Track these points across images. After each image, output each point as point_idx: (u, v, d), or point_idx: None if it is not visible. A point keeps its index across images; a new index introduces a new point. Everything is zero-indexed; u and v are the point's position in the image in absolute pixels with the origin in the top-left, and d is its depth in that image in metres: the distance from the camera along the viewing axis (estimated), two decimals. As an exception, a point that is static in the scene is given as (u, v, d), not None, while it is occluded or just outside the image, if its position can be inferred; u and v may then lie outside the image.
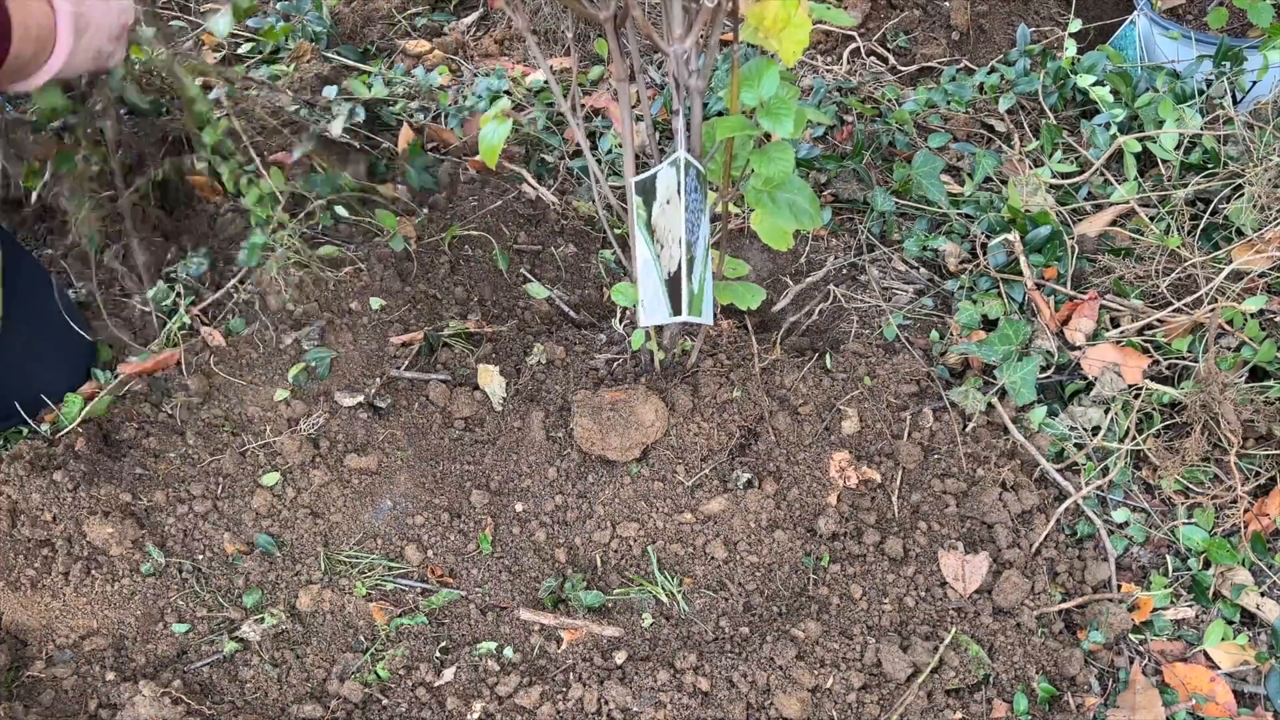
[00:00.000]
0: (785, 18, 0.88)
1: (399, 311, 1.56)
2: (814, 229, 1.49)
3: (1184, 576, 1.38)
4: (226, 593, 1.33)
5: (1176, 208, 1.67)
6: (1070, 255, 1.62)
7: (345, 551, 1.37)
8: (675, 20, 0.98)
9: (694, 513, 1.41)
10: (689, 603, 1.36)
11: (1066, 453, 1.46)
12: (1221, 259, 1.57)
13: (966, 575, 1.35)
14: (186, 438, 1.39)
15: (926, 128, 1.90)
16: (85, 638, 1.29)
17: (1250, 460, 1.43)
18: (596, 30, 1.26)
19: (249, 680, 1.28)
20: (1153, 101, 1.77)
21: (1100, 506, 1.43)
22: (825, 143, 1.90)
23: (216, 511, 1.37)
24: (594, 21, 1.03)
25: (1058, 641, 1.31)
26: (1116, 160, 1.76)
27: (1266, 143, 1.65)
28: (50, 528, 1.30)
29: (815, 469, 1.44)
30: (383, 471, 1.41)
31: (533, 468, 1.45)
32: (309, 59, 1.99)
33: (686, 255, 1.13)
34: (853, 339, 1.60)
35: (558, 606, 1.35)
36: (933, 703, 1.25)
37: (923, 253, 1.69)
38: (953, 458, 1.46)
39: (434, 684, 1.28)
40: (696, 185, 1.13)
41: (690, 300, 1.15)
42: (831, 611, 1.33)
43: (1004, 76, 1.97)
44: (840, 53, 2.13)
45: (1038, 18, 2.22)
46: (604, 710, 1.25)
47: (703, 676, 1.26)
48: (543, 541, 1.40)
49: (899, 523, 1.41)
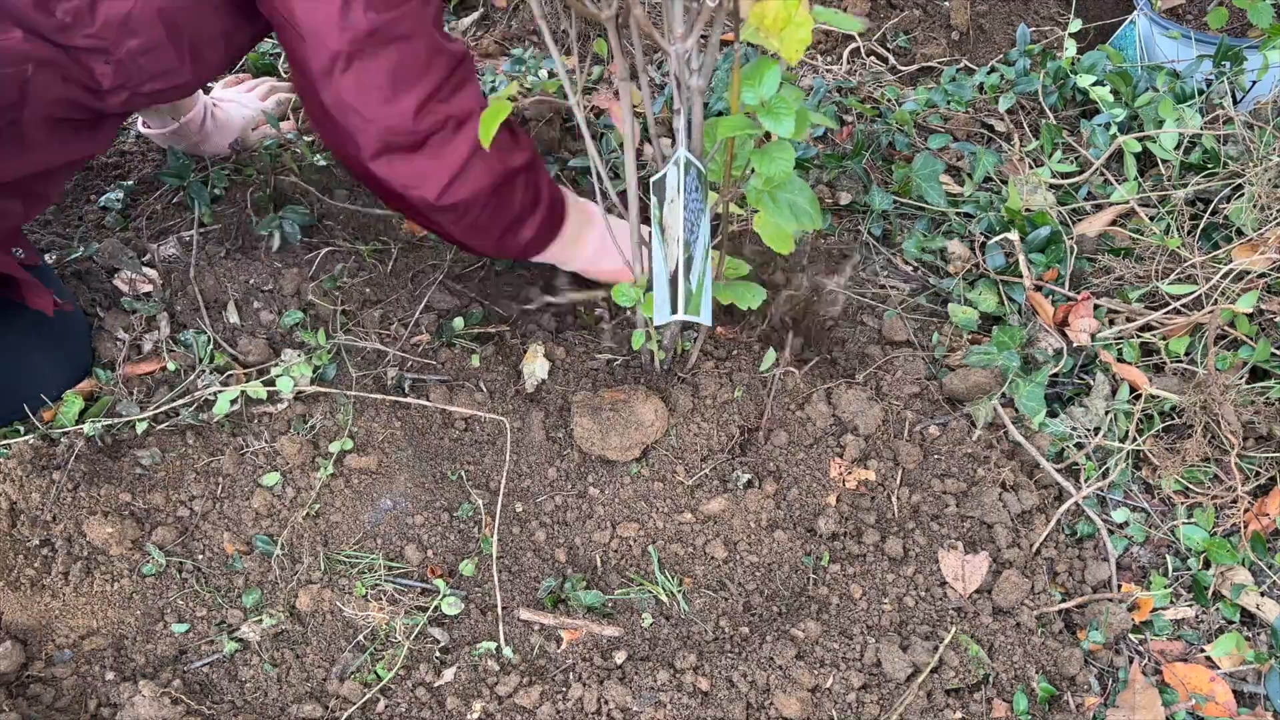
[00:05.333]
0: (786, 17, 0.88)
1: (399, 311, 1.56)
2: (814, 229, 1.49)
3: (1184, 576, 1.38)
4: (226, 593, 1.33)
5: (1176, 208, 1.67)
6: (1070, 255, 1.62)
7: (345, 551, 1.37)
8: (676, 20, 0.98)
9: (694, 513, 1.41)
10: (689, 603, 1.35)
11: (1066, 453, 1.46)
12: (1221, 259, 1.57)
13: (966, 575, 1.35)
14: (186, 438, 1.39)
15: (926, 128, 1.90)
16: (85, 637, 1.29)
17: (1250, 460, 1.43)
18: (597, 30, 1.26)
19: (249, 680, 1.28)
20: (1153, 101, 1.78)
21: (1100, 506, 1.43)
22: (825, 142, 1.90)
23: (216, 511, 1.36)
24: (595, 21, 1.03)
25: (1057, 641, 1.31)
26: (1116, 160, 1.76)
27: (1266, 143, 1.65)
28: (50, 528, 1.30)
29: (815, 469, 1.44)
30: (383, 471, 1.41)
31: (533, 468, 1.45)
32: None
33: (684, 255, 1.13)
34: (852, 339, 1.60)
35: (558, 606, 1.35)
36: (932, 702, 1.25)
37: (922, 254, 1.69)
38: (953, 458, 1.46)
39: (434, 684, 1.28)
40: (697, 185, 1.13)
41: (687, 299, 1.15)
42: (831, 611, 1.33)
43: (1004, 76, 1.97)
44: (840, 53, 2.13)
45: (1038, 18, 2.22)
46: (604, 710, 1.25)
47: (703, 676, 1.26)
48: (543, 541, 1.40)
49: (899, 523, 1.41)
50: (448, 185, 1.21)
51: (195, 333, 1.47)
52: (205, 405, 1.41)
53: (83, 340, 1.44)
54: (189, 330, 1.48)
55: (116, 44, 1.12)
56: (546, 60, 1.99)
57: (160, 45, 1.15)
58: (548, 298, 1.59)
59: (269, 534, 1.36)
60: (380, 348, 1.50)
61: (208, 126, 1.70)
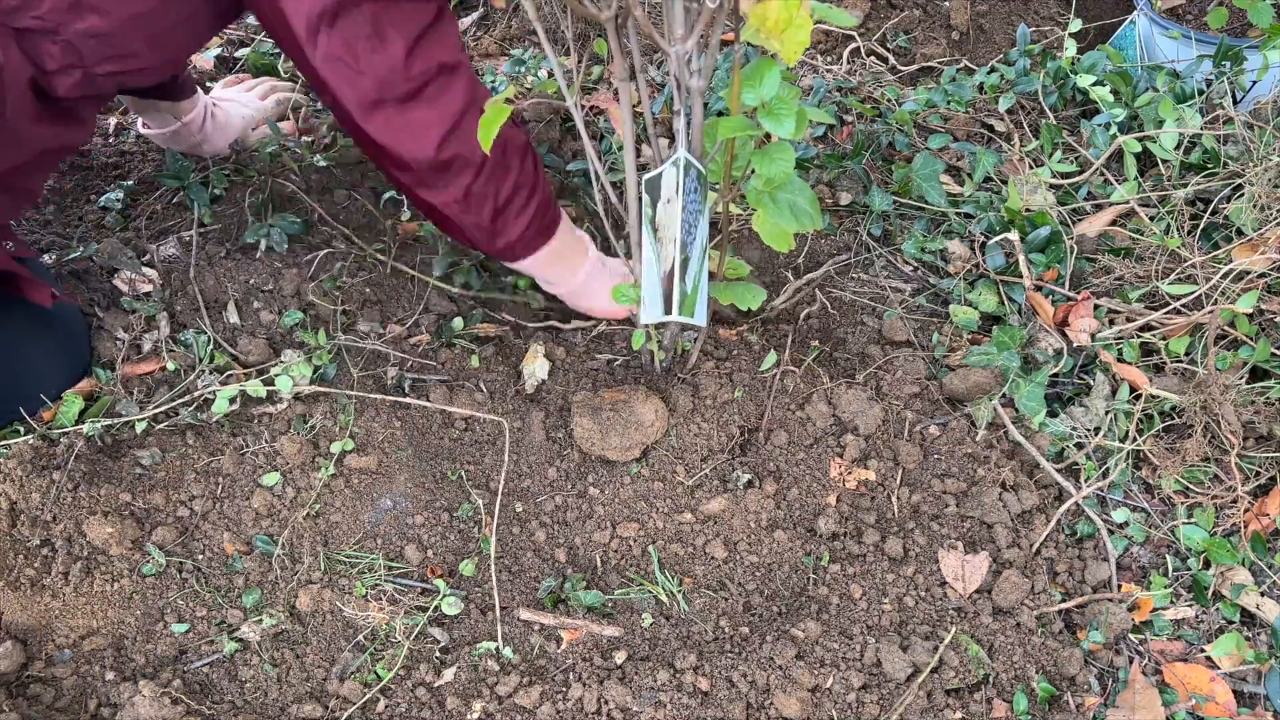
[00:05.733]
0: (787, 18, 0.88)
1: (398, 310, 1.56)
2: (814, 230, 1.49)
3: (1184, 576, 1.38)
4: (226, 593, 1.33)
5: (1176, 208, 1.67)
6: (1070, 255, 1.62)
7: (345, 551, 1.37)
8: (676, 20, 0.98)
9: (694, 513, 1.41)
10: (689, 603, 1.36)
11: (1066, 453, 1.46)
12: (1221, 259, 1.57)
13: (966, 575, 1.35)
14: (186, 437, 1.39)
15: (926, 128, 1.90)
16: (85, 637, 1.29)
17: (1250, 460, 1.43)
18: (597, 30, 1.26)
19: (249, 680, 1.28)
20: (1153, 101, 1.77)
21: (1100, 506, 1.43)
22: (825, 142, 1.90)
23: (216, 511, 1.36)
24: (595, 21, 1.03)
25: (1057, 641, 1.31)
26: (1116, 160, 1.76)
27: (1266, 143, 1.65)
28: (50, 528, 1.30)
29: (815, 469, 1.44)
30: (383, 471, 1.41)
31: (533, 468, 1.45)
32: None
33: (680, 255, 1.13)
34: (852, 339, 1.60)
35: (557, 606, 1.35)
36: (932, 702, 1.25)
37: (922, 254, 1.69)
38: (953, 458, 1.46)
39: (434, 684, 1.28)
40: (696, 186, 1.13)
41: (681, 300, 1.15)
42: (831, 611, 1.33)
43: (1004, 76, 1.97)
44: (840, 53, 2.13)
45: (1038, 18, 2.22)
46: (604, 710, 1.25)
47: (703, 676, 1.26)
48: (543, 541, 1.40)
49: (899, 523, 1.41)
50: (447, 135, 1.19)
51: (195, 333, 1.47)
52: (205, 405, 1.41)
53: (81, 339, 1.44)
54: (189, 330, 1.48)
55: (64, 25, 1.10)
56: (546, 60, 1.99)
57: (114, 29, 1.13)
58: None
59: (269, 534, 1.36)
60: (380, 348, 1.50)
61: (208, 127, 1.70)
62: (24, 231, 1.65)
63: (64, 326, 1.42)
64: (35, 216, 1.68)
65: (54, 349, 1.40)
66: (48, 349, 1.39)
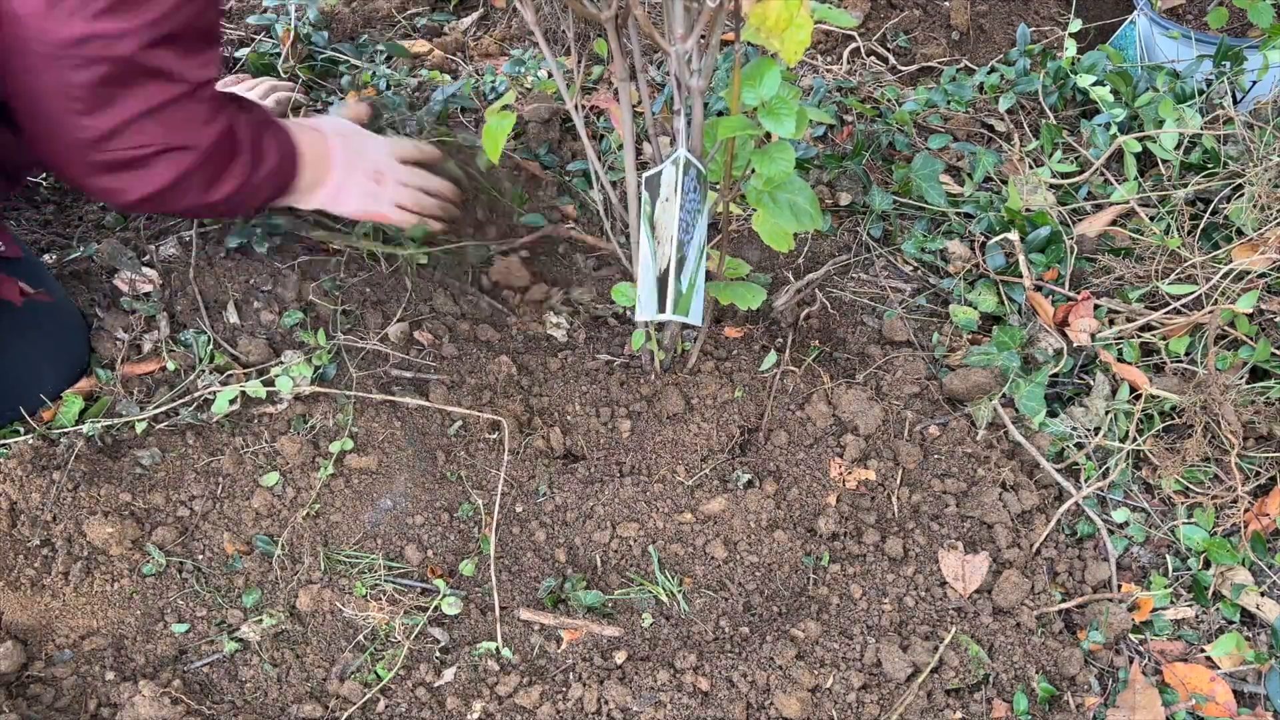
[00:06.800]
0: (788, 18, 0.88)
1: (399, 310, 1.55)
2: (814, 230, 1.49)
3: (1184, 576, 1.38)
4: (226, 593, 1.33)
5: (1176, 208, 1.67)
6: (1070, 255, 1.62)
7: (345, 551, 1.37)
8: (677, 20, 0.98)
9: (694, 513, 1.41)
10: (689, 603, 1.36)
11: (1066, 453, 1.46)
12: (1221, 259, 1.57)
13: (966, 575, 1.35)
14: (186, 437, 1.39)
15: (926, 128, 1.90)
16: (85, 638, 1.29)
17: (1250, 460, 1.43)
18: (597, 30, 1.26)
19: (249, 680, 1.28)
20: (1153, 101, 1.78)
21: (1100, 506, 1.43)
22: (825, 142, 1.90)
23: (216, 511, 1.36)
24: (595, 21, 1.03)
25: (1057, 641, 1.31)
26: (1116, 160, 1.76)
27: (1266, 143, 1.65)
28: (50, 528, 1.30)
29: (815, 469, 1.44)
30: (383, 471, 1.41)
31: (533, 468, 1.45)
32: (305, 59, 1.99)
33: (676, 254, 1.13)
34: (852, 339, 1.60)
35: (557, 606, 1.35)
36: (932, 702, 1.25)
37: (922, 254, 1.69)
38: (953, 458, 1.46)
39: (434, 684, 1.28)
40: (695, 185, 1.13)
41: (676, 299, 1.15)
42: (831, 611, 1.33)
43: (1004, 76, 1.97)
44: (840, 53, 2.13)
45: (1038, 18, 2.22)
46: (604, 710, 1.25)
47: (703, 676, 1.26)
48: (542, 541, 1.40)
49: (899, 523, 1.41)
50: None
51: (195, 333, 1.47)
52: (205, 405, 1.41)
53: (80, 339, 1.44)
54: (189, 330, 1.47)
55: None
56: (546, 60, 1.99)
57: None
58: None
59: (269, 534, 1.36)
60: (380, 348, 1.50)
61: None
62: (24, 231, 1.65)
63: (61, 326, 1.42)
64: (35, 216, 1.68)
65: (53, 349, 1.40)
66: (45, 348, 1.39)
